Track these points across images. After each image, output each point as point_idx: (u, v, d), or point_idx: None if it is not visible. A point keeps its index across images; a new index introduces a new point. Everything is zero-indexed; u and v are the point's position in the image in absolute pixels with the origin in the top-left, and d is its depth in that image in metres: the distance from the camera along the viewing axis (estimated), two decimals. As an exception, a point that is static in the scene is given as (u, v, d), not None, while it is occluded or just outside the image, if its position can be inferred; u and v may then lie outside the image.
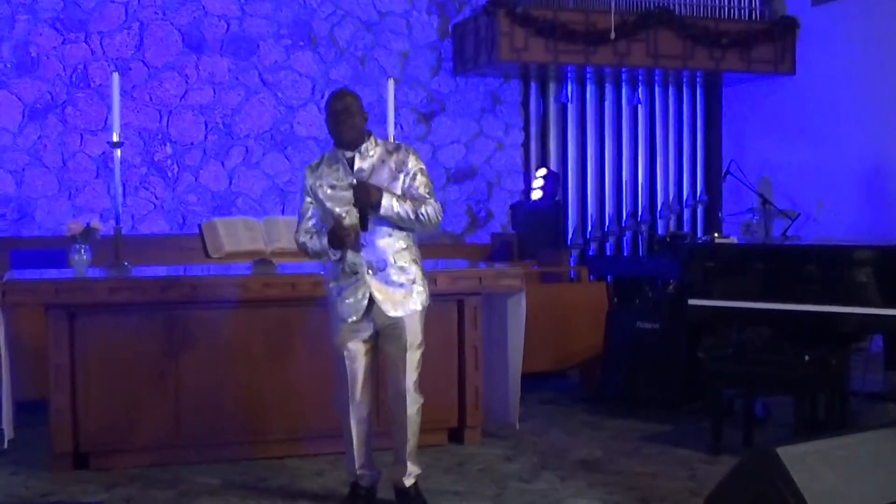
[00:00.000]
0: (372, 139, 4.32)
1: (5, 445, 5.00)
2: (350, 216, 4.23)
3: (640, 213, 10.28)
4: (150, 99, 8.94)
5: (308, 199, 4.37)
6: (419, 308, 4.32)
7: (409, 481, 4.46)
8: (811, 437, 4.24)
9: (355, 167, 4.25)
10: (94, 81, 8.77)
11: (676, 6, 9.38)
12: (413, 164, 4.30)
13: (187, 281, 5.25)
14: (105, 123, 8.69)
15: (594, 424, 6.12)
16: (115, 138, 5.68)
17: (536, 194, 9.58)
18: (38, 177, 8.69)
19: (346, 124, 4.22)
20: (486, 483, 4.88)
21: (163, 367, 5.16)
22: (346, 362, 4.34)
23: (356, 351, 4.34)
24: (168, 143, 9.00)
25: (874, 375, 6.45)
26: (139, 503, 4.62)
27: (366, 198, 4.16)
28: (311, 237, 4.36)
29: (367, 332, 4.33)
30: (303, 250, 4.42)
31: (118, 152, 5.79)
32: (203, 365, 5.21)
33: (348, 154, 4.27)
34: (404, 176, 4.28)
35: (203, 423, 5.20)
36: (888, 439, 3.88)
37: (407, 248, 4.32)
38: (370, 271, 4.24)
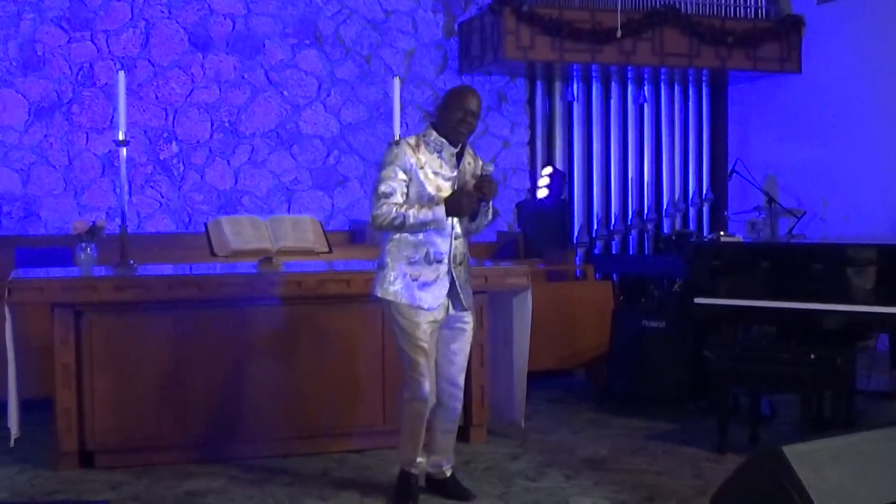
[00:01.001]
0: None
1: (11, 444, 5.02)
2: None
3: (645, 211, 10.26)
4: (156, 97, 8.94)
5: (403, 177, 4.29)
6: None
7: (449, 471, 4.63)
8: (817, 435, 4.23)
9: (467, 163, 4.42)
10: (99, 80, 8.77)
11: (682, 5, 9.35)
12: (481, 168, 4.49)
13: (193, 279, 5.25)
14: (111, 122, 8.70)
15: (600, 423, 6.12)
16: (120, 137, 5.68)
17: (542, 192, 9.57)
18: (43, 175, 8.70)
19: (472, 126, 4.37)
20: (492, 481, 4.88)
21: (168, 365, 5.16)
22: (428, 348, 4.35)
23: (432, 339, 4.39)
24: (174, 142, 9.01)
25: (880, 374, 6.46)
26: (145, 502, 4.62)
27: (490, 192, 4.33)
28: (410, 208, 4.25)
29: (439, 322, 4.41)
30: (393, 223, 4.25)
31: (124, 151, 5.79)
32: (209, 363, 5.21)
33: (453, 149, 4.37)
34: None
35: (208, 422, 5.21)
36: (894, 438, 3.87)
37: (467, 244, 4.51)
38: (452, 263, 4.36)
